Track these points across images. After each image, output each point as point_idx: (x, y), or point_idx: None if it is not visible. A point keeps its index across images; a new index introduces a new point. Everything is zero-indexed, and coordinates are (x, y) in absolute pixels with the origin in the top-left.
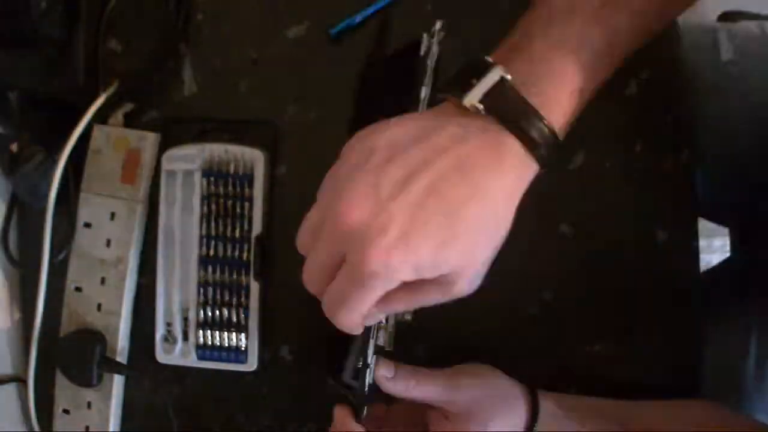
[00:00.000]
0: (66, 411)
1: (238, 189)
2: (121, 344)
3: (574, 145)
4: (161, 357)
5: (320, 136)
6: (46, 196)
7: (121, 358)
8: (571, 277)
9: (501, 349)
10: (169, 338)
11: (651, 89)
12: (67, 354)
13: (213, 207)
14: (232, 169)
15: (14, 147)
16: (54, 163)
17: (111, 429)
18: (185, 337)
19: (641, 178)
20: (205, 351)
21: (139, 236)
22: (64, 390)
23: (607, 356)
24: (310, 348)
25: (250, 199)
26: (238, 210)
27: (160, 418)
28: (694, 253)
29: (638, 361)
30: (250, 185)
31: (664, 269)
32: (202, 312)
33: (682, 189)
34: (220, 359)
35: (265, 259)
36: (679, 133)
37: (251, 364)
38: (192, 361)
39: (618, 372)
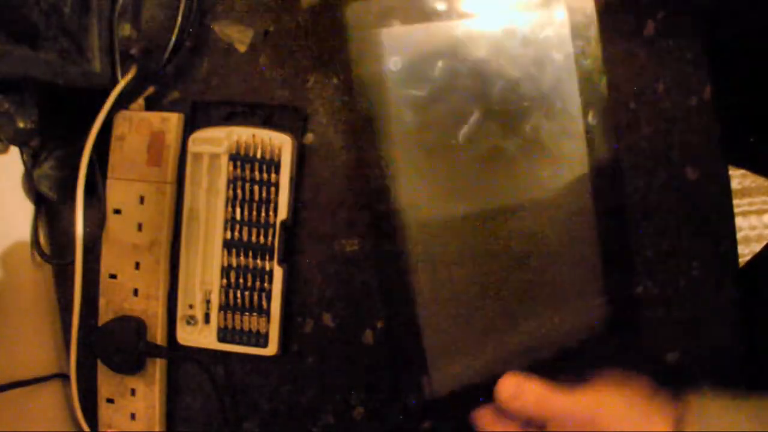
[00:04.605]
0: (110, 400)
1: (265, 174)
2: (161, 328)
3: None
4: (182, 338)
5: (343, 101)
6: (71, 189)
7: (162, 341)
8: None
9: None
10: (190, 320)
11: (668, 28)
12: (107, 343)
13: (239, 191)
14: (259, 154)
15: (35, 143)
16: (75, 156)
17: (158, 414)
18: (207, 320)
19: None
20: (226, 334)
21: (170, 218)
22: (106, 379)
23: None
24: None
25: (276, 184)
26: (264, 195)
27: (207, 399)
28: (726, 188)
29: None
30: (277, 170)
31: (697, 206)
32: (224, 295)
33: (708, 125)
34: (240, 342)
35: (289, 244)
36: (701, 70)
37: (272, 349)
38: (212, 343)
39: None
